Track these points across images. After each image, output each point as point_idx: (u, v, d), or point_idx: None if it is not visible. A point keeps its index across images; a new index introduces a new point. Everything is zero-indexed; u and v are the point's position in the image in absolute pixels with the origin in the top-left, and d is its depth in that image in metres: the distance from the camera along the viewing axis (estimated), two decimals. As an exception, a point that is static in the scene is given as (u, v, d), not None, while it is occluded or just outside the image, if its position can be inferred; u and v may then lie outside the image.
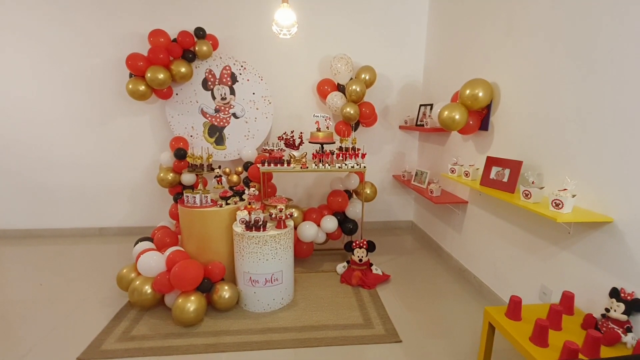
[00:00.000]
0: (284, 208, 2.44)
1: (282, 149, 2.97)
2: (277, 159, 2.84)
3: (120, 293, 2.60)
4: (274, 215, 2.45)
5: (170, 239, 2.74)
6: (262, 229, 2.34)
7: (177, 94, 3.50)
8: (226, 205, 2.58)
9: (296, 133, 3.40)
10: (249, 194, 2.55)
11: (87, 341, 2.08)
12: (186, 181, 3.37)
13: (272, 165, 2.82)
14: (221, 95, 3.55)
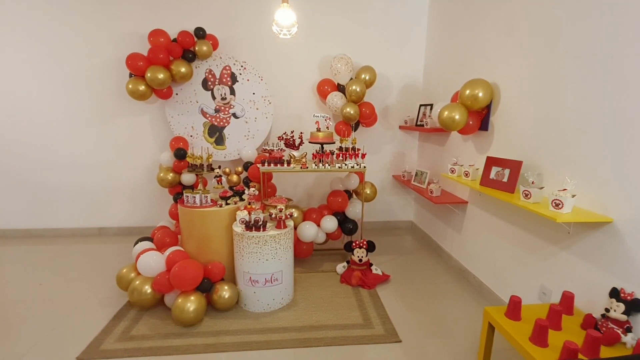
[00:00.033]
0: (283, 208, 2.44)
1: (282, 149, 2.97)
2: (277, 159, 2.84)
3: (120, 293, 2.60)
4: (274, 215, 2.45)
5: (170, 238, 2.74)
6: (262, 229, 2.34)
7: (177, 94, 3.50)
8: (226, 205, 2.58)
9: (296, 133, 3.40)
10: (249, 194, 2.55)
11: (87, 341, 2.08)
12: (186, 181, 3.37)
13: (272, 165, 2.82)
14: (221, 95, 3.55)
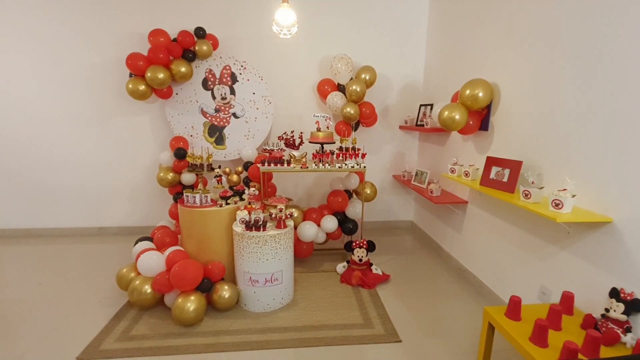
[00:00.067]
0: (284, 208, 2.44)
1: (282, 149, 2.97)
2: (277, 158, 2.84)
3: (120, 293, 2.60)
4: (274, 215, 2.45)
5: (170, 238, 2.74)
6: (262, 228, 2.34)
7: (177, 94, 3.50)
8: (226, 205, 2.58)
9: (296, 133, 3.40)
10: (249, 194, 2.55)
11: (87, 341, 2.08)
12: (186, 181, 3.37)
13: (272, 165, 2.82)
14: (221, 95, 3.55)
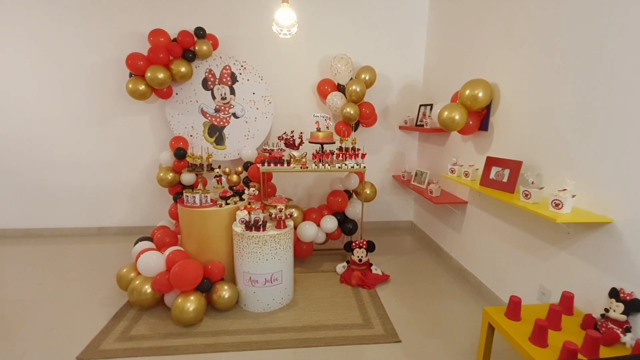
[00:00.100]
0: (283, 208, 2.44)
1: (282, 149, 2.97)
2: (277, 159, 2.84)
3: (120, 293, 2.60)
4: (274, 215, 2.45)
5: (170, 238, 2.74)
6: (262, 228, 2.34)
7: (177, 94, 3.50)
8: (226, 205, 2.58)
9: (296, 133, 3.40)
10: (249, 194, 2.55)
11: (86, 341, 2.08)
12: (186, 181, 3.37)
13: (272, 165, 2.82)
14: (221, 95, 3.55)
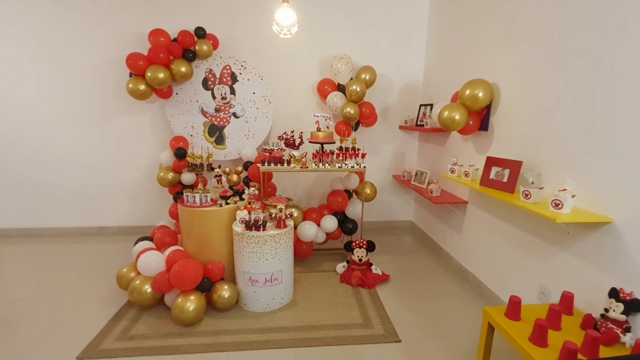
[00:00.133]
0: (283, 208, 2.44)
1: (282, 149, 2.97)
2: (277, 158, 2.84)
3: (120, 292, 2.61)
4: (274, 215, 2.45)
5: (170, 238, 2.74)
6: (262, 228, 2.34)
7: (177, 94, 3.50)
8: (226, 204, 2.58)
9: (296, 133, 3.40)
10: (249, 194, 2.55)
11: (86, 340, 2.08)
12: (186, 180, 3.37)
13: (272, 165, 2.82)
14: (221, 95, 3.55)
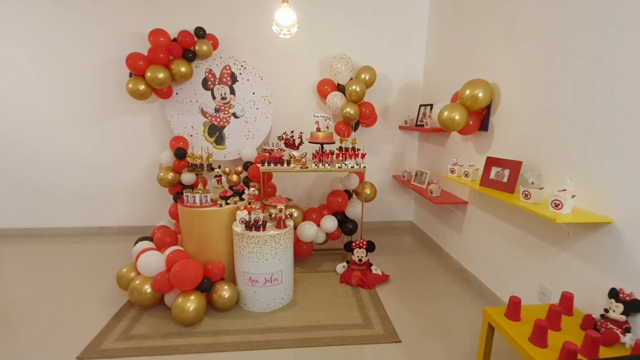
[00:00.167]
0: (283, 208, 2.44)
1: (282, 149, 2.97)
2: (277, 158, 2.84)
3: (120, 292, 2.61)
4: (274, 215, 2.45)
5: (170, 238, 2.74)
6: (262, 228, 2.34)
7: (177, 94, 3.50)
8: (226, 205, 2.58)
9: (296, 133, 3.40)
10: (249, 194, 2.55)
11: (87, 340, 2.08)
12: (186, 181, 3.37)
13: (272, 165, 2.82)
14: (221, 95, 3.55)
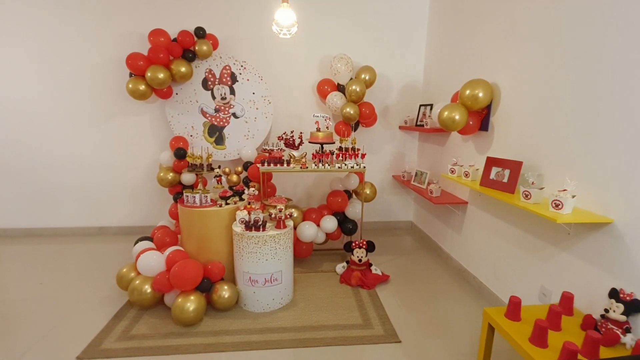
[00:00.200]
0: (283, 208, 2.44)
1: (282, 149, 2.97)
2: (277, 159, 2.84)
3: (120, 292, 2.61)
4: (274, 215, 2.45)
5: (170, 238, 2.74)
6: (262, 229, 2.34)
7: (177, 94, 3.50)
8: (226, 205, 2.58)
9: (296, 133, 3.40)
10: (249, 194, 2.55)
11: (87, 340, 2.08)
12: (186, 181, 3.37)
13: (272, 165, 2.82)
14: (221, 95, 3.55)
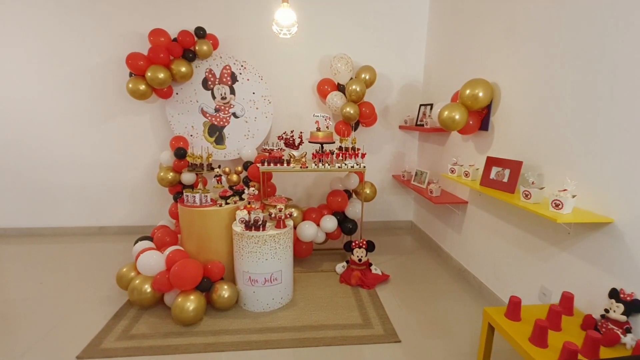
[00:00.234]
0: (283, 208, 2.44)
1: (282, 149, 2.96)
2: (277, 158, 2.84)
3: (120, 292, 2.61)
4: (274, 215, 2.45)
5: (170, 238, 2.74)
6: (262, 228, 2.34)
7: (177, 94, 3.50)
8: (226, 204, 2.58)
9: (296, 133, 3.40)
10: (249, 194, 2.55)
11: (87, 340, 2.08)
12: (186, 180, 3.37)
13: (272, 164, 2.82)
14: (221, 95, 3.55)
